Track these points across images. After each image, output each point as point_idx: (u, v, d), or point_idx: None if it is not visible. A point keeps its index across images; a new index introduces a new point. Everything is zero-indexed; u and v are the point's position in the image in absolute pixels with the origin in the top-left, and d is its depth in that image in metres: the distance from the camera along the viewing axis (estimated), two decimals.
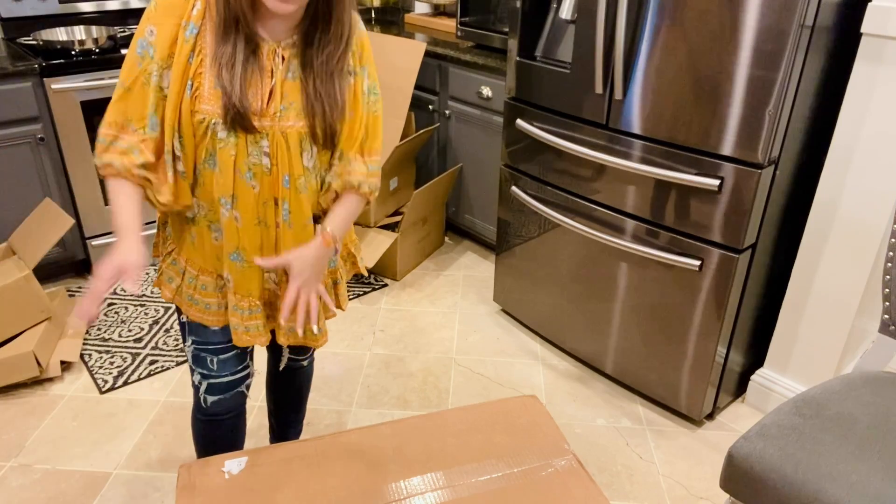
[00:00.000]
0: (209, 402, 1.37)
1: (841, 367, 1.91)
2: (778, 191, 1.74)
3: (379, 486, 1.15)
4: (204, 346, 1.32)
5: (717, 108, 1.64)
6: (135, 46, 1.12)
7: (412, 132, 2.83)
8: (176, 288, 1.30)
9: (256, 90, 1.14)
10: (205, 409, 1.39)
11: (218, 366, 1.34)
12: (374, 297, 2.65)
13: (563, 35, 2.05)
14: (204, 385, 1.35)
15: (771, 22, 1.50)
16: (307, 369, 1.65)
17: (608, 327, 2.11)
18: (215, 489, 1.14)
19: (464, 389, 2.16)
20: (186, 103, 1.12)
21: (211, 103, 1.12)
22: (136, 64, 1.12)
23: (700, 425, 2.03)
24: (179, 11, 1.10)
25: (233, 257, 1.23)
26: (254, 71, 1.13)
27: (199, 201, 1.21)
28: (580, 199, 2.04)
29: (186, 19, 1.10)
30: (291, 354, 1.56)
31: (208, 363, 1.33)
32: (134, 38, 1.13)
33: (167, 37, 1.10)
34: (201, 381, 1.35)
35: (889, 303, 1.42)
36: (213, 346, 1.32)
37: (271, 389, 1.68)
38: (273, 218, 1.22)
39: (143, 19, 1.12)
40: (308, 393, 1.72)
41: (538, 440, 1.26)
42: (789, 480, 1.15)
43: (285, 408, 1.70)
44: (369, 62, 1.26)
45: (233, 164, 1.16)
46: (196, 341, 1.32)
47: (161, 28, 1.10)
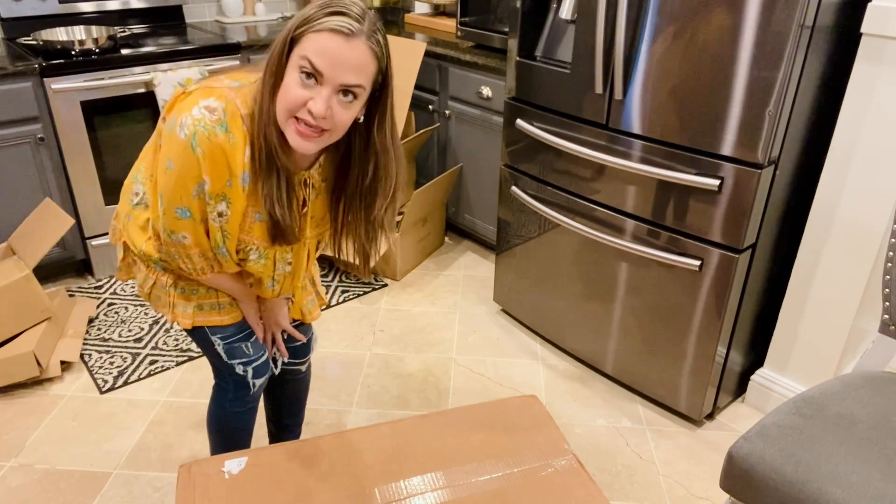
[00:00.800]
0: (257, 385, 1.42)
1: (841, 367, 1.91)
2: (778, 191, 1.74)
3: (379, 485, 1.15)
4: (234, 337, 1.37)
5: (717, 108, 1.64)
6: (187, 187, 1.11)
7: (412, 132, 2.84)
8: (193, 311, 1.32)
9: (296, 219, 1.20)
10: (253, 395, 1.44)
11: (253, 348, 1.40)
12: (374, 297, 2.65)
13: (563, 35, 2.05)
14: (250, 371, 1.40)
15: (771, 22, 1.50)
16: (305, 376, 1.65)
17: (608, 327, 2.11)
18: (215, 489, 1.14)
19: (464, 389, 2.16)
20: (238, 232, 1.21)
21: (251, 234, 1.19)
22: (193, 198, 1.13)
23: (700, 425, 2.03)
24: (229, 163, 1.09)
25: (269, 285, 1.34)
26: (293, 199, 1.18)
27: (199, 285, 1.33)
28: (580, 199, 2.04)
29: (238, 168, 1.10)
30: (289, 361, 1.57)
31: (244, 349, 1.38)
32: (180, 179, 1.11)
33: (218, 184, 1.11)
34: (245, 367, 1.39)
35: (889, 303, 1.42)
36: (242, 334, 1.38)
37: (270, 397, 1.68)
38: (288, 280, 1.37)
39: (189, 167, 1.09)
40: (306, 398, 1.72)
41: (538, 440, 1.26)
42: (789, 480, 1.15)
43: (284, 414, 1.70)
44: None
45: (260, 276, 1.29)
46: (224, 336, 1.36)
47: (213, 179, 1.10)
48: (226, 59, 2.71)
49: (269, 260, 1.26)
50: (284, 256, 1.28)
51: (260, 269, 1.27)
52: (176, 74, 2.53)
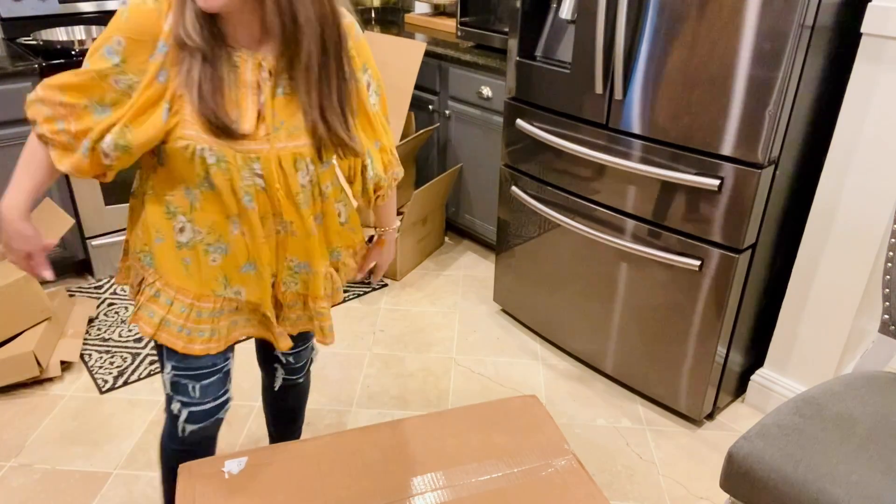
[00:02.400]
0: (188, 431, 1.27)
1: (841, 367, 1.91)
2: (778, 191, 1.74)
3: (379, 485, 1.15)
4: (185, 373, 1.23)
5: (717, 108, 1.64)
6: (98, 52, 1.04)
7: (412, 132, 2.84)
8: (159, 322, 1.19)
9: (244, 110, 1.07)
10: (181, 439, 1.28)
11: (200, 392, 1.24)
12: (374, 297, 2.65)
13: (563, 35, 2.05)
14: (184, 413, 1.25)
15: (771, 22, 1.50)
16: (303, 384, 1.61)
17: (608, 327, 2.11)
18: (215, 489, 1.14)
19: (464, 389, 2.16)
20: (162, 127, 1.05)
21: (195, 128, 1.05)
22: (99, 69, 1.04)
23: (700, 425, 2.03)
24: (152, 29, 1.02)
25: (245, 269, 1.19)
26: (235, 86, 1.05)
27: (194, 226, 1.15)
28: (580, 199, 2.04)
29: (157, 37, 1.02)
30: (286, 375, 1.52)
31: (190, 390, 1.24)
32: (95, 46, 1.04)
33: (135, 51, 1.02)
34: (181, 409, 1.25)
35: (889, 303, 1.42)
36: (194, 372, 1.23)
37: (268, 404, 1.65)
38: (274, 228, 1.19)
39: (111, 28, 1.04)
40: (305, 404, 1.69)
41: (538, 440, 1.26)
42: (789, 480, 1.15)
43: (284, 420, 1.67)
44: (371, 66, 1.22)
45: (230, 186, 1.10)
46: (176, 367, 1.22)
47: (130, 42, 1.02)
48: None
49: (232, 164, 1.08)
50: (250, 164, 1.09)
51: (223, 178, 1.09)
52: None
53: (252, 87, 1.07)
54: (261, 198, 1.13)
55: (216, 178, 1.09)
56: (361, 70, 1.19)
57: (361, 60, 1.18)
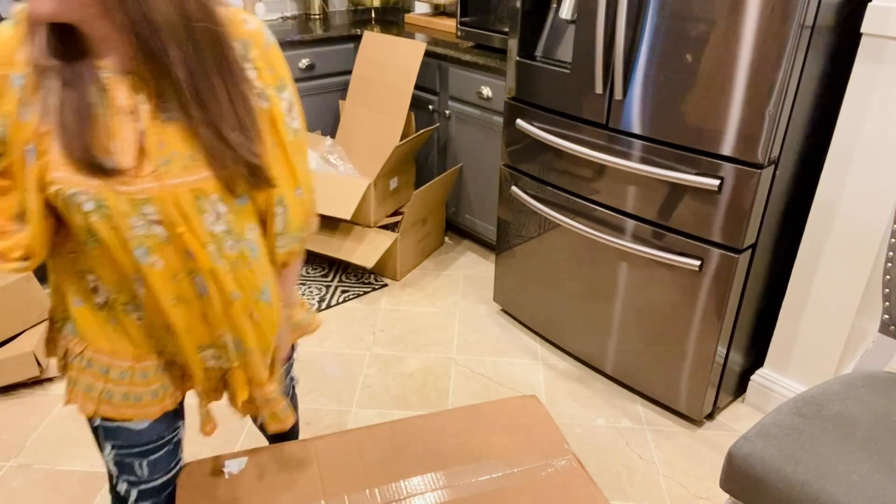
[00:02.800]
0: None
1: (841, 367, 1.91)
2: (778, 191, 1.74)
3: (379, 486, 1.15)
4: (129, 451, 1.07)
5: (717, 107, 1.64)
6: None
7: (412, 132, 2.84)
8: (99, 395, 1.02)
9: (121, 141, 0.86)
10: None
11: (148, 469, 1.09)
12: (374, 297, 2.65)
13: (563, 35, 2.05)
14: (134, 494, 1.10)
15: (771, 22, 1.50)
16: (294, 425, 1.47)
17: (608, 327, 2.11)
18: (215, 489, 1.14)
19: (464, 389, 2.16)
20: (33, 172, 0.85)
21: (65, 168, 0.84)
22: None
23: (700, 425, 2.03)
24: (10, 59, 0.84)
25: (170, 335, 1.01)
26: (106, 113, 0.86)
27: (104, 285, 0.97)
28: (580, 199, 2.04)
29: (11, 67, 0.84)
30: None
31: (136, 468, 1.08)
32: None
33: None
34: (129, 489, 1.10)
35: (889, 303, 1.42)
36: (140, 449, 1.07)
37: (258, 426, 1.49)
38: (194, 290, 0.96)
39: None
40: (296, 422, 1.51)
41: (538, 440, 1.26)
42: (789, 480, 1.15)
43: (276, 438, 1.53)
44: (288, 79, 0.99)
45: (116, 238, 0.89)
46: (117, 446, 1.06)
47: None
48: None
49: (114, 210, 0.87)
50: (139, 208, 0.88)
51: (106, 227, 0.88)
52: None
53: (128, 114, 0.87)
54: (165, 251, 0.92)
55: (98, 228, 0.88)
56: (276, 88, 0.97)
57: (276, 76, 0.97)
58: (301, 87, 2.99)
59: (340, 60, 3.07)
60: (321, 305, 2.57)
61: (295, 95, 1.01)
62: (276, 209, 1.01)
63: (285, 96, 0.98)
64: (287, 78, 0.99)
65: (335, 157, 2.78)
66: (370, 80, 2.82)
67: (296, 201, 1.03)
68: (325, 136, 3.06)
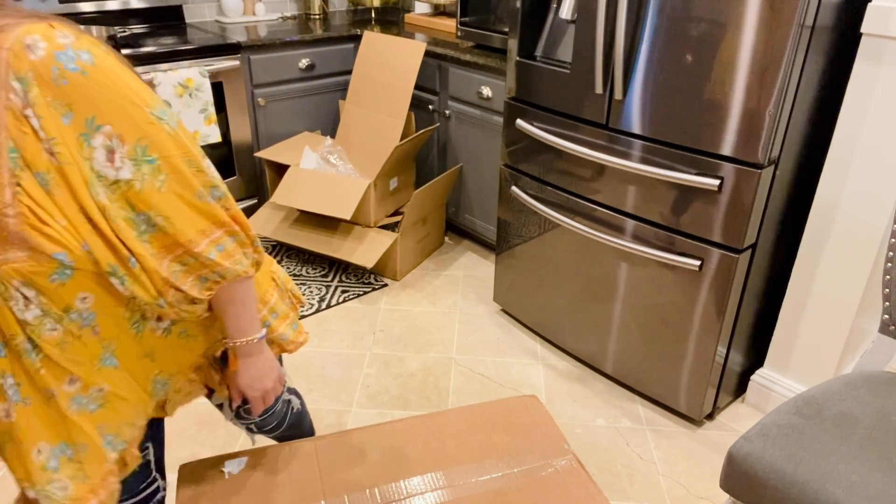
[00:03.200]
0: None
1: (841, 367, 1.91)
2: (778, 191, 1.74)
3: (379, 486, 1.15)
4: None
5: (717, 107, 1.64)
6: None
7: (412, 132, 2.84)
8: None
9: None
10: None
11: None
12: (374, 297, 2.65)
13: (563, 35, 2.05)
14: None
15: (771, 22, 1.50)
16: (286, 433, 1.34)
17: (608, 327, 2.11)
18: (215, 489, 1.14)
19: (464, 389, 2.16)
20: None
21: None
22: None
23: (700, 425, 2.03)
24: None
25: None
26: None
27: None
28: (580, 199, 2.04)
29: None
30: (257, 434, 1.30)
31: None
32: None
33: None
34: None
35: (889, 303, 1.42)
36: None
37: None
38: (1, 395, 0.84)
39: None
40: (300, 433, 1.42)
41: (538, 440, 1.26)
42: (789, 480, 1.15)
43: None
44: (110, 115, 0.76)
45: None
46: None
47: None
48: (226, 59, 2.71)
49: None
50: None
51: None
52: (176, 74, 2.53)
53: None
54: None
55: None
56: (81, 135, 0.76)
57: (79, 118, 0.75)
58: (301, 87, 2.99)
59: (340, 60, 3.07)
60: (321, 305, 2.57)
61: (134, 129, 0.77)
62: (111, 280, 0.82)
63: (98, 142, 0.76)
64: (105, 114, 0.76)
65: (335, 157, 2.78)
66: (370, 80, 2.82)
67: (130, 272, 0.82)
68: (325, 136, 3.06)
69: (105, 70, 0.76)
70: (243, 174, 2.95)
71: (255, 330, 0.98)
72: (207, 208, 0.85)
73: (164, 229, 0.82)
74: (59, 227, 0.76)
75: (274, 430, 1.30)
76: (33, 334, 0.81)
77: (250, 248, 0.92)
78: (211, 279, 0.88)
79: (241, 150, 2.90)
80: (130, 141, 0.78)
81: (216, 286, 0.89)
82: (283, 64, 2.89)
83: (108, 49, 0.80)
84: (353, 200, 2.50)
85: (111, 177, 0.78)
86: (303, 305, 1.21)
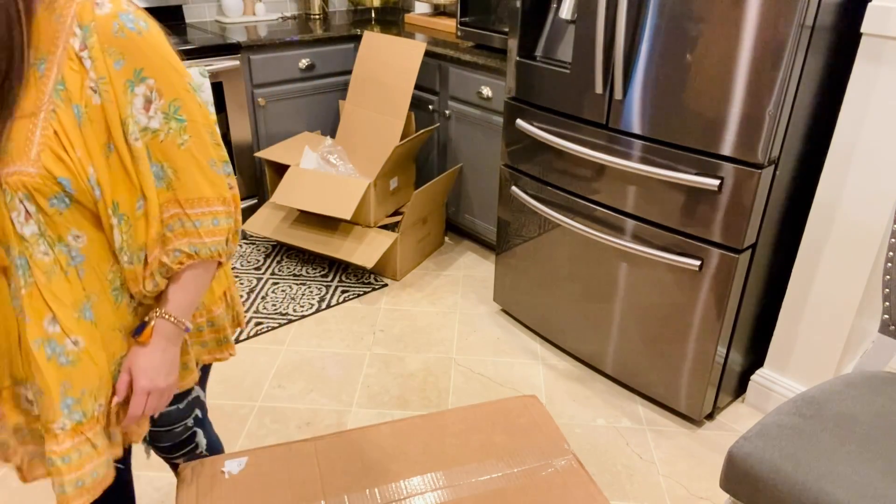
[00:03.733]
0: None
1: (841, 367, 1.91)
2: (778, 191, 1.74)
3: (379, 486, 1.15)
4: None
5: (716, 108, 1.64)
6: None
7: (412, 132, 2.84)
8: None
9: None
10: None
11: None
12: (374, 297, 2.65)
13: (563, 35, 2.05)
14: None
15: (771, 22, 1.50)
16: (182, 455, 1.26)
17: (608, 327, 2.11)
18: (215, 489, 1.14)
19: (464, 389, 2.16)
20: None
21: None
22: None
23: (700, 425, 2.03)
24: None
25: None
26: None
27: None
28: (580, 199, 2.04)
29: None
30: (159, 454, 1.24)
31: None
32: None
33: None
34: None
35: (889, 303, 1.42)
36: None
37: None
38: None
39: None
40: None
41: (538, 440, 1.26)
42: (789, 480, 1.15)
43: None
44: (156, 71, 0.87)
45: None
46: None
47: None
48: (226, 59, 2.71)
49: None
50: None
51: None
52: None
53: None
54: None
55: None
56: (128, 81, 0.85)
57: (129, 68, 0.85)
58: (301, 87, 2.99)
59: (340, 60, 3.07)
60: (321, 305, 2.57)
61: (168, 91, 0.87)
62: (111, 220, 0.88)
63: (140, 90, 0.86)
64: (152, 69, 0.86)
65: (335, 157, 2.78)
66: (370, 80, 2.82)
67: (135, 214, 0.89)
68: (325, 136, 3.06)
69: (156, 37, 0.88)
70: (243, 174, 2.95)
71: (187, 317, 0.98)
72: (216, 179, 0.93)
73: (170, 183, 0.90)
74: (74, 156, 0.83)
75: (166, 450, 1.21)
76: (27, 252, 0.85)
77: (233, 236, 0.97)
78: (185, 252, 0.92)
79: (241, 150, 2.90)
80: (167, 98, 0.87)
81: (188, 260, 0.93)
82: (283, 64, 2.89)
83: (161, 29, 0.91)
84: (353, 200, 2.50)
85: (142, 123, 0.87)
86: (241, 328, 1.21)
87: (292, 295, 2.63)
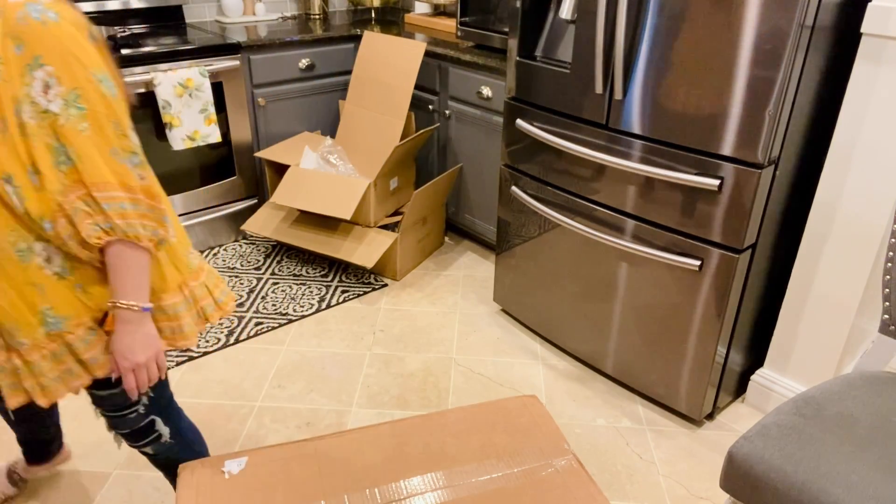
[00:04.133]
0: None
1: (841, 367, 1.91)
2: (778, 191, 1.74)
3: (379, 486, 1.15)
4: None
5: (717, 108, 1.64)
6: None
7: (412, 132, 2.84)
8: None
9: None
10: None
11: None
12: (374, 297, 2.65)
13: (563, 35, 2.05)
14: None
15: (771, 22, 1.50)
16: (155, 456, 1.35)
17: (608, 327, 2.11)
18: (215, 489, 1.14)
19: (464, 389, 2.16)
20: None
21: None
22: None
23: (700, 425, 2.03)
24: None
25: None
26: None
27: None
28: (580, 199, 2.04)
29: None
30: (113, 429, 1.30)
31: None
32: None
33: None
34: None
35: (889, 303, 1.42)
36: None
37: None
38: None
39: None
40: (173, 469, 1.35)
41: (538, 440, 1.26)
42: (789, 480, 1.15)
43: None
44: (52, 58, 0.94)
45: None
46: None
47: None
48: (226, 59, 2.71)
49: None
50: None
51: None
52: (176, 74, 2.53)
53: None
54: None
55: None
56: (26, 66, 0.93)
57: (28, 54, 0.92)
58: (301, 87, 2.99)
59: (340, 60, 3.07)
60: (321, 305, 2.57)
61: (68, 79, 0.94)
62: (5, 188, 0.97)
63: (39, 75, 0.93)
64: (51, 57, 0.93)
65: (335, 157, 2.78)
66: (370, 80, 2.82)
67: (28, 185, 0.97)
68: (325, 136, 3.06)
69: (63, 30, 0.93)
70: (243, 174, 2.95)
71: (139, 299, 1.06)
72: (119, 168, 0.99)
73: (76, 165, 0.97)
74: None
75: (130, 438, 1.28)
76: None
77: (152, 223, 1.03)
78: (103, 228, 1.00)
79: (241, 150, 2.90)
80: (67, 86, 0.94)
81: (106, 237, 1.00)
82: (283, 64, 2.89)
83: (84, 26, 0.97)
84: (354, 200, 2.50)
85: (42, 105, 0.94)
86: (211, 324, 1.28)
87: (292, 295, 2.63)
